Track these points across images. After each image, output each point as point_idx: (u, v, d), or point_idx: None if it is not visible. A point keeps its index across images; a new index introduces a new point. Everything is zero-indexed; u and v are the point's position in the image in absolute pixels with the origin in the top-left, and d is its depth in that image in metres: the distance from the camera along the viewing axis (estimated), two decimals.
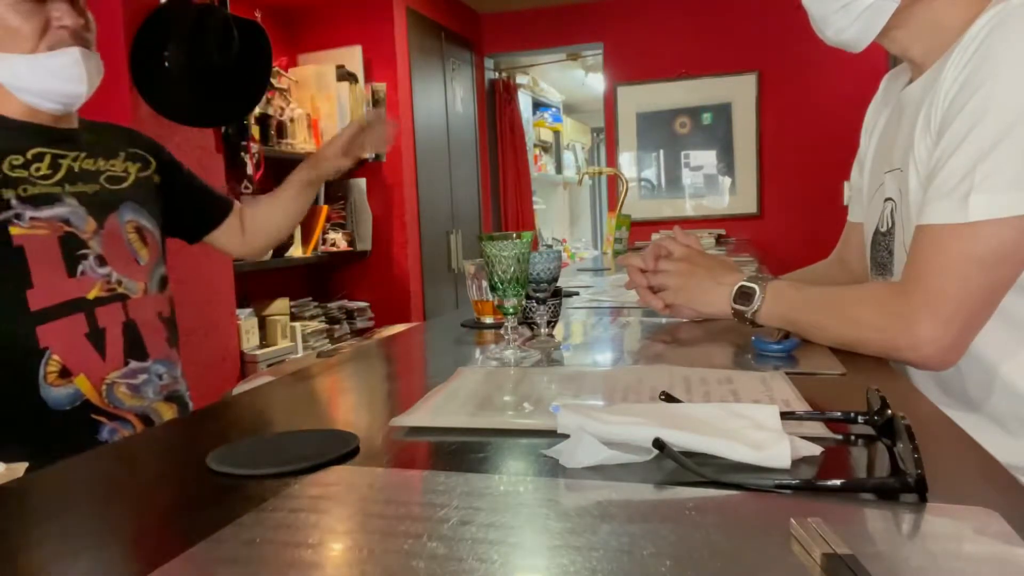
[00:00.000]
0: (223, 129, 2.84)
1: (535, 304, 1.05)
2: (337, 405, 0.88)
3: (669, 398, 0.69)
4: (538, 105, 6.52)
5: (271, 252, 3.03)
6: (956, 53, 0.85)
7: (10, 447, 1.08)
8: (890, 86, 1.13)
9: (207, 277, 2.66)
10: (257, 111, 3.06)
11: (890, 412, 0.55)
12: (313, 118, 3.50)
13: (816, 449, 0.56)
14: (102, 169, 1.25)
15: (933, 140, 0.87)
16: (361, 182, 3.81)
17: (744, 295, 0.98)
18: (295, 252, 3.34)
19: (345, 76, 3.57)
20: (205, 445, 0.63)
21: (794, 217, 4.40)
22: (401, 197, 3.85)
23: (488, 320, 1.23)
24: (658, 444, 0.54)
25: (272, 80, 3.18)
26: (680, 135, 4.61)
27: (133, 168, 1.31)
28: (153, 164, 1.36)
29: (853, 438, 0.61)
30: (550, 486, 0.52)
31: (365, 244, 3.82)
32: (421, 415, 0.69)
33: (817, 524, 0.42)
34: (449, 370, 0.87)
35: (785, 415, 0.61)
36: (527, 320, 1.07)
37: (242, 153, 2.97)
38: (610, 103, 4.73)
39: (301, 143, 3.38)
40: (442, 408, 0.71)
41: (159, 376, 1.23)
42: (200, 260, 1.57)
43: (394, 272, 3.88)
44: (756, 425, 0.58)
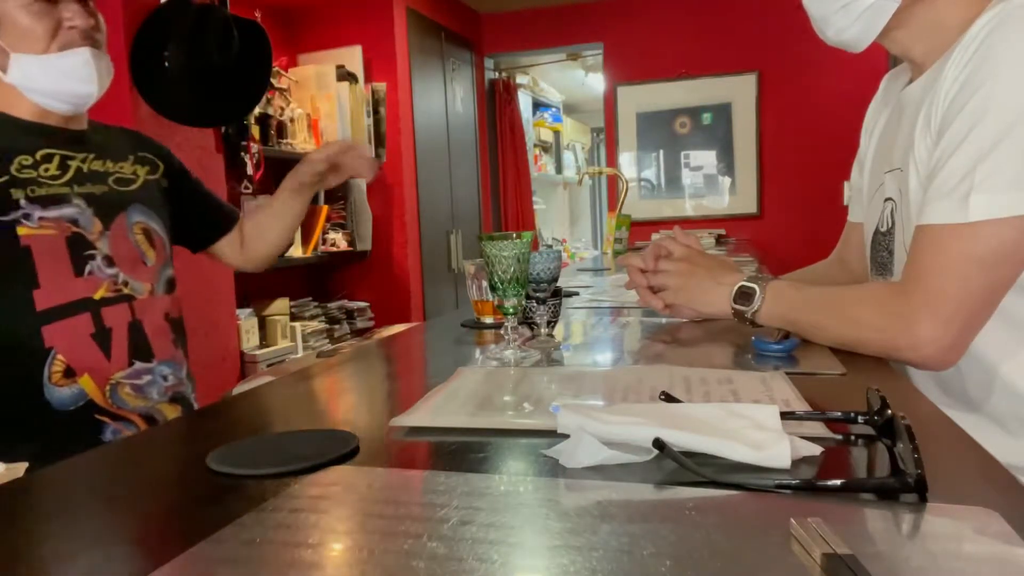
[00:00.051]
0: (223, 129, 2.84)
1: (535, 304, 1.05)
2: (337, 405, 0.88)
3: (669, 398, 0.69)
4: (538, 105, 6.52)
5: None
6: (956, 53, 0.85)
7: (14, 447, 1.08)
8: (890, 86, 1.13)
9: (207, 277, 2.67)
10: (257, 111, 3.06)
11: (890, 412, 0.55)
12: (313, 118, 3.50)
13: (816, 449, 0.56)
14: (111, 171, 1.25)
15: (933, 140, 0.87)
16: (361, 182, 3.81)
17: (744, 295, 0.98)
18: (295, 252, 3.34)
19: (345, 76, 3.57)
20: (205, 445, 0.63)
21: (794, 217, 4.40)
22: (401, 197, 3.85)
23: (488, 320, 1.23)
24: (658, 444, 0.54)
25: (272, 80, 3.18)
26: (680, 135, 4.61)
27: (142, 171, 1.31)
28: (161, 168, 1.36)
29: (853, 438, 0.61)
30: (550, 486, 0.52)
31: (365, 244, 3.82)
32: (421, 415, 0.69)
33: (817, 524, 0.42)
34: (449, 370, 0.87)
35: (785, 415, 0.61)
36: (527, 320, 1.07)
37: (242, 153, 2.97)
38: (610, 103, 4.73)
39: (301, 143, 3.38)
40: (442, 408, 0.71)
41: (164, 377, 1.23)
42: (200, 260, 1.58)
43: (394, 272, 3.88)
44: (756, 425, 0.58)
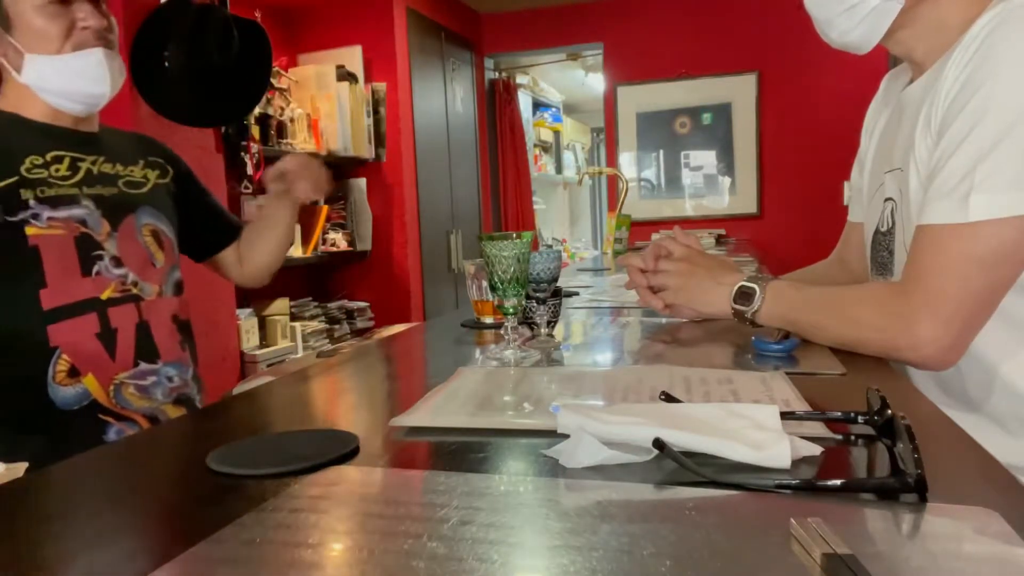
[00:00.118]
0: (223, 129, 2.84)
1: (535, 304, 1.05)
2: (337, 405, 0.88)
3: (669, 398, 0.68)
4: (538, 105, 6.52)
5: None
6: (957, 52, 0.85)
7: (17, 446, 1.08)
8: (890, 86, 1.13)
9: (207, 277, 2.65)
10: (257, 111, 3.06)
11: (890, 412, 0.55)
12: (313, 118, 3.50)
13: (816, 449, 0.56)
14: (121, 174, 1.26)
15: (933, 140, 0.87)
16: (361, 182, 3.82)
17: (744, 295, 0.98)
18: (295, 252, 3.34)
19: (345, 76, 3.57)
20: (205, 445, 0.63)
21: (794, 217, 4.40)
22: (401, 197, 3.85)
23: (488, 320, 1.23)
24: (658, 444, 0.53)
25: (272, 80, 3.18)
26: (680, 135, 4.61)
27: (152, 175, 1.32)
28: (171, 173, 1.37)
29: (853, 438, 0.61)
30: (550, 486, 0.52)
31: (365, 244, 3.82)
32: (421, 415, 0.69)
33: (817, 524, 0.41)
34: (449, 370, 0.87)
35: (785, 415, 0.61)
36: (527, 320, 1.07)
37: (242, 153, 2.97)
38: (610, 103, 4.73)
39: (301, 143, 3.38)
40: (442, 408, 0.71)
41: (169, 378, 1.23)
42: None
43: (394, 272, 3.88)
44: (756, 425, 0.58)
